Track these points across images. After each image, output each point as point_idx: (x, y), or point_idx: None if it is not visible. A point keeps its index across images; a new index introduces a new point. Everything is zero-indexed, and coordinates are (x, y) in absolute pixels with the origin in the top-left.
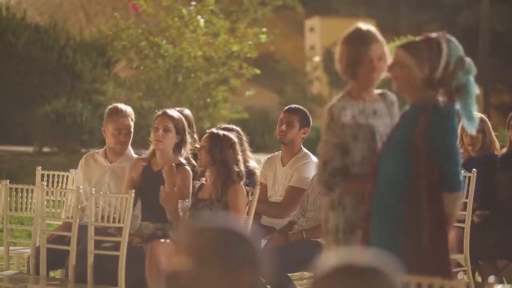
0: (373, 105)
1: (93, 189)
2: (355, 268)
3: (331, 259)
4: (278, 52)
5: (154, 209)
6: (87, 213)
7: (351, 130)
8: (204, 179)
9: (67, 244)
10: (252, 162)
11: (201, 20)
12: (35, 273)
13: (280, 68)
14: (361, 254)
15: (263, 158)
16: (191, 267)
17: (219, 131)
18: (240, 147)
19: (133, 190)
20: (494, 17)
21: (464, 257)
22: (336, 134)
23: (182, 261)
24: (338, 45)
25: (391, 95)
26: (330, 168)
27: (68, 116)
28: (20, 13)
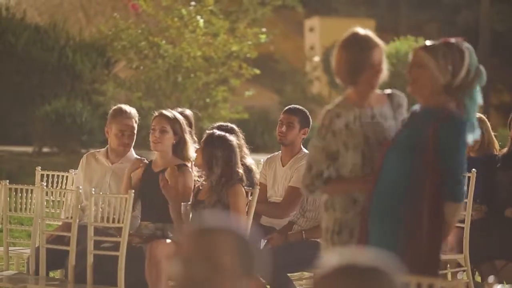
0: (373, 110)
1: (93, 189)
2: (356, 268)
3: (332, 259)
4: (278, 52)
5: (154, 209)
6: (87, 213)
7: (343, 138)
8: (204, 180)
9: (67, 244)
10: (249, 159)
11: (201, 20)
12: (35, 274)
13: (280, 68)
14: (362, 254)
15: (263, 158)
16: (201, 271)
17: (218, 132)
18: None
19: (133, 191)
20: (494, 17)
21: (464, 257)
22: (326, 140)
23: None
24: (336, 51)
25: (400, 97)
26: (314, 172)
27: (68, 116)
28: (20, 13)
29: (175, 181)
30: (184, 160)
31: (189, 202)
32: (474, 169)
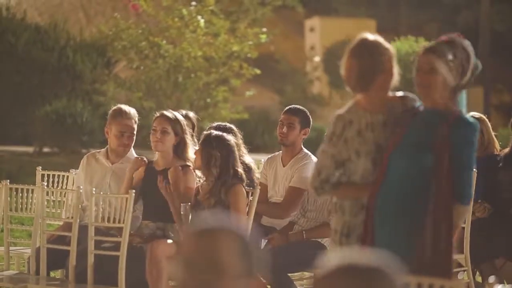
0: (385, 115)
1: (94, 189)
2: (356, 268)
3: (332, 259)
4: (278, 52)
5: (155, 208)
6: (88, 213)
7: (355, 146)
8: (204, 181)
9: (68, 244)
10: (247, 158)
11: (201, 20)
12: (35, 273)
13: (280, 68)
14: (362, 254)
15: (263, 158)
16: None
17: (215, 132)
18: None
19: (133, 191)
20: (494, 17)
21: (464, 257)
22: (336, 147)
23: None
24: (345, 59)
25: (413, 100)
26: (323, 177)
27: (68, 117)
28: (20, 14)
29: (177, 181)
30: (185, 161)
31: (189, 203)
32: (475, 169)
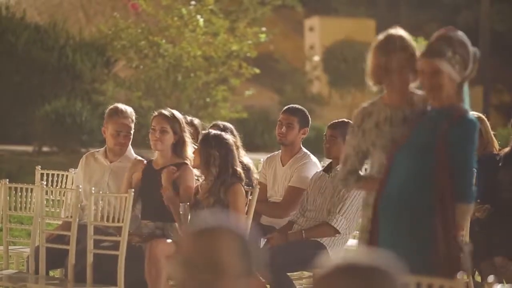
0: (405, 111)
1: (93, 189)
2: (356, 268)
3: (332, 259)
4: (278, 52)
5: (154, 208)
6: (87, 213)
7: (372, 138)
8: (203, 180)
9: (67, 244)
10: (246, 158)
11: (201, 20)
12: (35, 273)
13: (280, 68)
14: (363, 254)
15: (263, 158)
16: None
17: (213, 132)
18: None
19: (133, 190)
20: (494, 17)
21: None
22: (357, 139)
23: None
24: (370, 53)
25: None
26: (348, 167)
27: (68, 116)
28: (20, 13)
29: (170, 184)
30: (184, 159)
31: (188, 203)
32: (474, 169)
